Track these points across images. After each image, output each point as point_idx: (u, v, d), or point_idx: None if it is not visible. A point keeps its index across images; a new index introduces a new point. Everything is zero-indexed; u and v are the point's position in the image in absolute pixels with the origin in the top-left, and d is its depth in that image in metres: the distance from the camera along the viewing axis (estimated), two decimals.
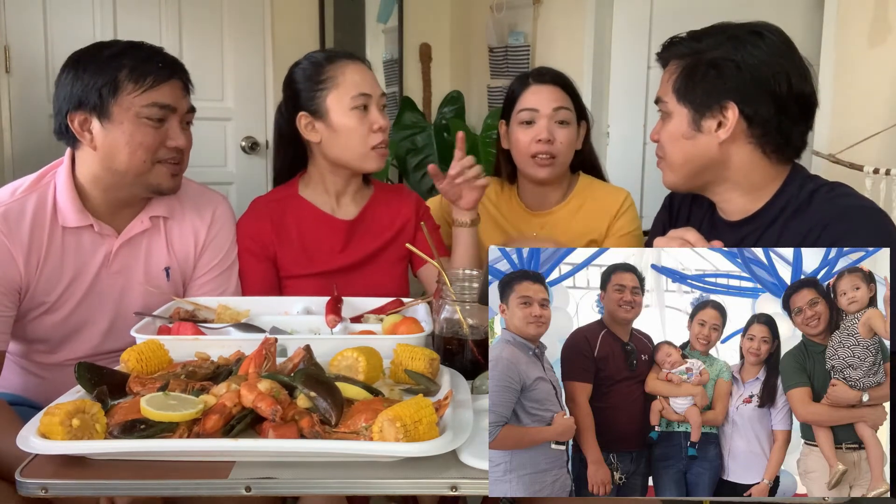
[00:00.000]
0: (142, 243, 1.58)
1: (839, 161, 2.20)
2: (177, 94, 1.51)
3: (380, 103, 1.70)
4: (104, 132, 1.46)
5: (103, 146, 1.47)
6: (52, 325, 1.53)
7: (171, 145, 1.50)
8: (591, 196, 1.88)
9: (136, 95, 1.45)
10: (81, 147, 1.50)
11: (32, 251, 1.47)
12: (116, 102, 1.45)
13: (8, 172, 3.15)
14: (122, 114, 1.46)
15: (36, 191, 1.50)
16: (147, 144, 1.48)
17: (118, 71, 1.45)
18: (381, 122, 1.68)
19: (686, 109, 1.36)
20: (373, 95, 1.68)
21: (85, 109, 1.46)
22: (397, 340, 1.26)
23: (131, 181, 1.51)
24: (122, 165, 1.48)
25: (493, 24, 3.65)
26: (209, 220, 1.65)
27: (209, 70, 3.58)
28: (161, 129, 1.49)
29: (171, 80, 1.50)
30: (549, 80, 1.83)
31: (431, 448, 0.93)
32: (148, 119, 1.47)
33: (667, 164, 1.43)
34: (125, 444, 0.94)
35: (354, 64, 1.70)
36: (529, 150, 1.81)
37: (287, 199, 1.76)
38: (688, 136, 1.37)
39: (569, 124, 1.81)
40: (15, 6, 3.14)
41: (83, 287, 1.53)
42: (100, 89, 1.44)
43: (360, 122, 1.67)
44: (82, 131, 1.47)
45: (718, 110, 1.33)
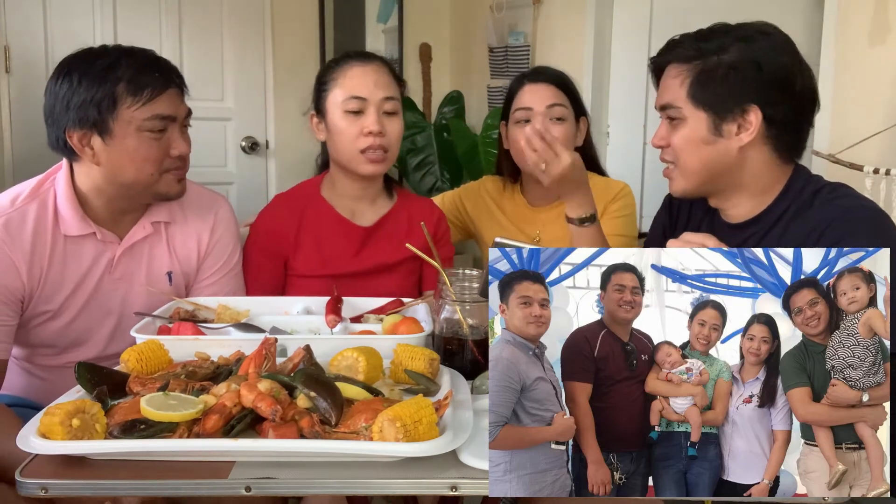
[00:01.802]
0: (144, 249, 1.58)
1: (839, 161, 2.20)
2: (175, 102, 1.49)
3: (381, 107, 1.67)
4: (107, 148, 1.44)
5: (108, 162, 1.45)
6: (55, 331, 1.53)
7: (174, 154, 1.49)
8: (591, 188, 1.88)
9: (136, 109, 1.43)
10: (82, 161, 1.48)
11: (35, 260, 1.46)
12: (116, 117, 1.43)
13: (8, 173, 3.15)
14: (123, 128, 1.43)
15: (36, 199, 1.48)
16: (152, 157, 1.46)
17: (115, 84, 1.42)
18: (373, 126, 1.64)
19: (705, 114, 1.32)
20: (369, 99, 1.65)
21: (84, 126, 1.43)
22: (397, 340, 1.26)
23: (139, 192, 1.51)
24: (128, 179, 1.47)
25: (493, 24, 3.65)
26: (212, 223, 1.64)
27: (209, 70, 3.58)
28: (163, 140, 1.47)
29: (169, 88, 1.48)
30: (543, 78, 1.83)
31: (431, 448, 0.93)
32: (150, 132, 1.45)
33: (680, 170, 1.38)
34: (125, 444, 0.94)
35: (360, 66, 1.69)
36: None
37: (309, 198, 1.76)
38: (708, 141, 1.33)
39: (565, 121, 1.81)
40: (15, 6, 3.15)
41: (86, 294, 1.52)
42: (98, 105, 1.41)
43: (351, 125, 1.66)
44: (83, 147, 1.45)
45: (740, 113, 1.30)
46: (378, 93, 1.67)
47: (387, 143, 1.68)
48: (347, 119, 1.66)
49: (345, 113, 1.66)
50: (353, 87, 1.66)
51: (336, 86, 1.68)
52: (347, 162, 1.69)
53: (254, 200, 3.75)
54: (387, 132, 1.67)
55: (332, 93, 1.68)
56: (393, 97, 1.70)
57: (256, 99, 3.73)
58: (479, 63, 3.85)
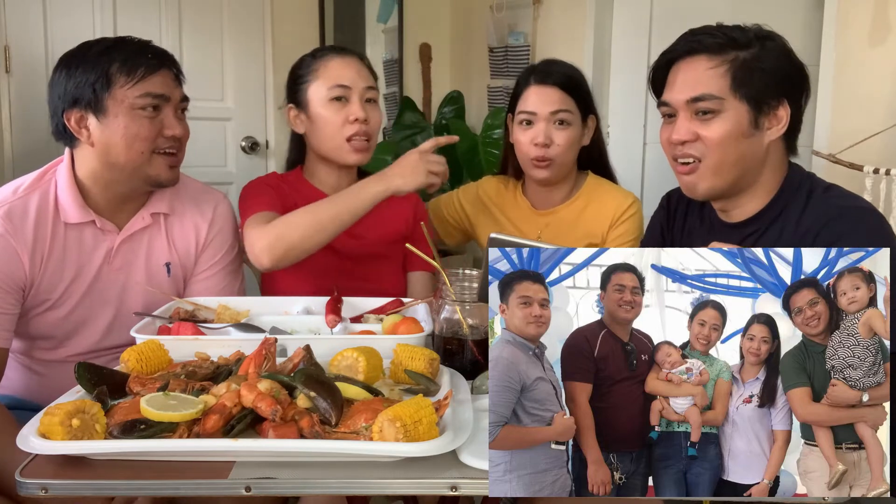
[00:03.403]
0: (143, 239, 1.59)
1: (839, 161, 2.20)
2: (169, 84, 1.52)
3: (364, 96, 1.70)
4: (101, 127, 1.48)
5: (101, 141, 1.48)
6: (54, 321, 1.54)
7: (167, 134, 1.51)
8: (597, 198, 1.86)
9: (129, 87, 1.47)
10: (80, 145, 1.51)
11: (37, 249, 1.47)
12: (110, 96, 1.46)
13: (8, 172, 3.14)
14: (116, 107, 1.47)
15: (38, 189, 1.51)
16: (143, 135, 1.49)
17: (109, 65, 1.46)
18: (359, 113, 1.67)
19: (747, 106, 1.30)
20: (353, 87, 1.69)
21: (80, 107, 1.47)
22: (397, 340, 1.26)
23: (130, 174, 1.52)
24: (120, 158, 1.49)
25: (493, 24, 3.65)
26: (210, 217, 1.66)
27: (209, 70, 3.58)
28: (156, 120, 1.50)
29: (162, 69, 1.51)
30: (551, 80, 1.80)
31: (431, 448, 0.93)
32: (142, 110, 1.48)
33: (711, 166, 1.33)
34: (125, 444, 0.94)
35: (340, 57, 1.72)
36: (528, 153, 1.80)
37: (295, 182, 1.78)
38: (748, 134, 1.31)
39: (569, 125, 1.79)
40: (15, 6, 3.14)
41: (85, 284, 1.54)
42: (93, 85, 1.45)
43: (336, 113, 1.68)
44: (79, 128, 1.48)
45: (774, 108, 1.31)
46: (361, 82, 1.71)
47: (370, 130, 1.72)
48: (332, 107, 1.69)
49: (329, 101, 1.69)
50: (337, 77, 1.70)
51: (317, 77, 1.71)
52: (331, 151, 1.71)
53: None
54: (370, 120, 1.71)
55: (314, 84, 1.71)
56: (373, 87, 1.74)
57: (256, 99, 3.73)
58: (479, 63, 3.85)
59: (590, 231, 1.85)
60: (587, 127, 1.85)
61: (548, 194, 1.88)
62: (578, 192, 1.88)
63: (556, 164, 1.79)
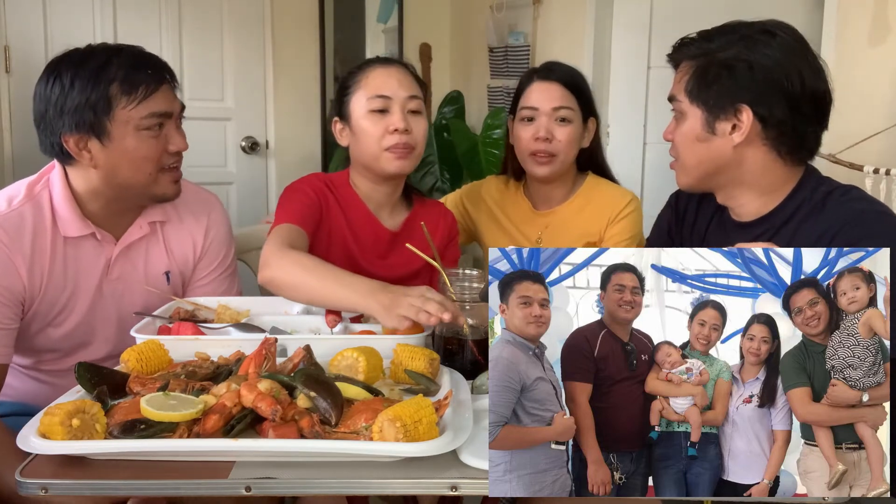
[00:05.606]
0: (141, 249, 1.57)
1: (839, 161, 2.20)
2: (169, 98, 1.48)
3: (405, 106, 1.64)
4: (105, 151, 1.43)
5: (106, 164, 1.44)
6: (58, 337, 1.52)
7: (172, 150, 1.49)
8: (596, 197, 1.86)
9: (132, 108, 1.42)
10: (78, 164, 1.46)
11: (35, 262, 1.45)
12: (112, 119, 1.41)
13: (8, 172, 3.15)
14: (120, 129, 1.42)
15: (31, 200, 1.47)
16: (151, 156, 1.46)
17: (108, 85, 1.40)
18: (399, 123, 1.61)
19: (700, 111, 1.34)
20: (394, 98, 1.63)
21: (81, 130, 1.41)
22: (397, 340, 1.26)
23: (136, 193, 1.50)
24: (126, 179, 1.47)
25: (493, 24, 3.65)
26: (205, 224, 1.64)
27: (209, 70, 3.58)
28: (161, 137, 1.47)
29: (162, 85, 1.47)
30: (553, 77, 1.82)
31: (431, 448, 0.93)
32: (148, 130, 1.44)
33: (680, 165, 1.41)
34: (125, 444, 0.94)
35: (382, 67, 1.67)
36: (529, 148, 1.80)
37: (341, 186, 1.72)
38: (702, 138, 1.35)
39: (571, 122, 1.80)
40: (15, 6, 3.15)
41: (86, 296, 1.52)
42: (93, 107, 1.40)
43: (375, 124, 1.63)
44: (80, 151, 1.43)
45: (732, 113, 1.31)
46: (402, 91, 1.64)
47: (413, 140, 1.64)
48: (372, 118, 1.63)
49: (369, 112, 1.63)
50: (377, 87, 1.64)
51: (359, 88, 1.66)
52: (372, 161, 1.65)
53: (254, 200, 3.76)
54: (413, 130, 1.64)
55: (356, 95, 1.66)
56: (417, 96, 1.67)
57: (256, 99, 3.73)
58: (479, 63, 3.85)
59: (589, 230, 1.85)
60: (587, 129, 1.85)
61: (548, 193, 1.88)
62: (578, 191, 1.88)
63: (557, 160, 1.79)
